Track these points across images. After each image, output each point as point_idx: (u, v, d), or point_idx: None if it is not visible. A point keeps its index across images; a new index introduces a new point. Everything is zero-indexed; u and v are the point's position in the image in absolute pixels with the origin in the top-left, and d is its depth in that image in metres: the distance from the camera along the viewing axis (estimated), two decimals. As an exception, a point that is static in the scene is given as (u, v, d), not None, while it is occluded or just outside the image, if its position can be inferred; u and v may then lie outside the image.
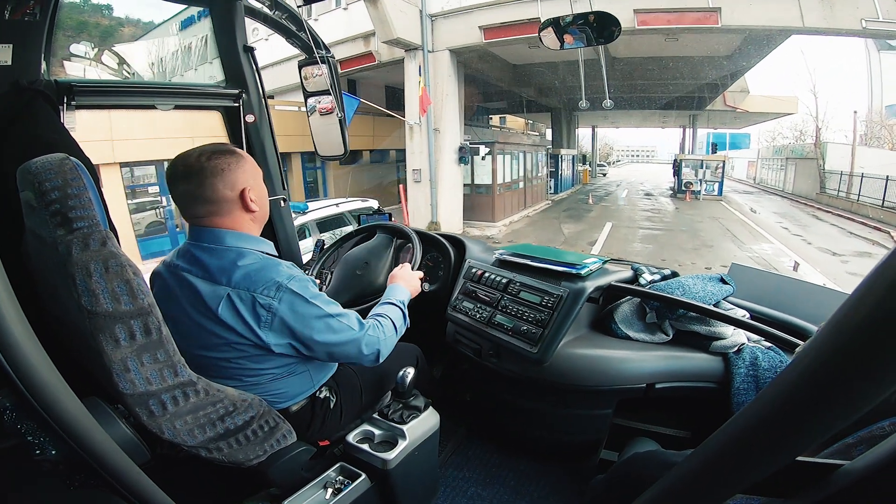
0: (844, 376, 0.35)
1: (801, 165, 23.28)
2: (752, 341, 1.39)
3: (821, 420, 0.38)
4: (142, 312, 0.80)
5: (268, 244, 1.10)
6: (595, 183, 30.20)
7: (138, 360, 0.81)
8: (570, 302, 1.37)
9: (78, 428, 0.67)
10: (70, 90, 1.29)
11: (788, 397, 0.40)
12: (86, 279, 0.75)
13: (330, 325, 1.03)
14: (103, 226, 0.80)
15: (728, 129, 37.82)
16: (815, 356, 0.37)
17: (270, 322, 0.97)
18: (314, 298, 1.01)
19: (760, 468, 0.44)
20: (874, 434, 0.63)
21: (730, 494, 0.53)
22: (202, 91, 1.65)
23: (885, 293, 0.32)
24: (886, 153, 20.10)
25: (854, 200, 16.97)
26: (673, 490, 0.59)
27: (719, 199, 20.14)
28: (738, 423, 0.46)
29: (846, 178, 18.48)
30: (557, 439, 1.61)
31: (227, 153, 1.02)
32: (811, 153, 21.77)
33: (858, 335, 0.34)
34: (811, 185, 21.28)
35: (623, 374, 1.35)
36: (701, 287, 1.39)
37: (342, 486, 1.14)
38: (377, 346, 1.11)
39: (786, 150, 26.39)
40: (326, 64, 1.71)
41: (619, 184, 30.81)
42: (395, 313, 1.23)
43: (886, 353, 0.32)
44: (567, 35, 1.57)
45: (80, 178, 0.80)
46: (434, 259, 1.82)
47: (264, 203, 1.10)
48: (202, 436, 0.93)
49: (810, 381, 0.38)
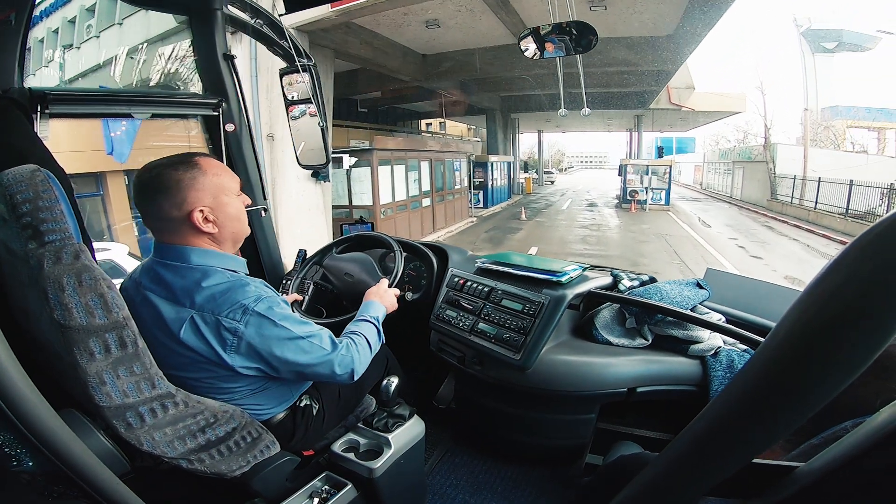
0: (793, 376, 0.38)
1: (749, 169, 21.99)
2: (728, 344, 1.42)
3: (774, 419, 0.40)
4: (116, 326, 0.80)
5: (238, 262, 1.05)
6: (539, 192, 27.91)
7: (114, 373, 0.80)
8: (552, 309, 1.39)
9: (54, 439, 0.66)
10: (44, 98, 1.24)
11: (743, 397, 0.42)
12: (58, 293, 0.74)
13: (300, 346, 0.99)
14: (76, 238, 0.80)
15: (675, 133, 37.61)
16: (767, 357, 0.40)
17: (237, 346, 0.93)
18: (283, 320, 0.97)
19: (719, 468, 0.46)
20: (838, 434, 0.62)
21: (695, 495, 0.54)
22: (180, 100, 1.64)
23: (829, 296, 0.34)
24: (839, 154, 18.84)
25: (811, 209, 15.06)
26: (645, 490, 0.61)
27: (666, 208, 18.18)
28: (699, 425, 0.48)
29: (800, 183, 16.71)
30: (543, 444, 1.62)
31: (182, 166, 0.95)
32: (760, 156, 20.35)
33: (805, 337, 0.36)
34: (761, 190, 19.80)
35: (605, 378, 1.36)
36: (678, 292, 1.42)
37: (328, 495, 1.13)
38: (351, 366, 1.08)
39: (732, 153, 25.06)
40: (308, 72, 1.70)
41: (564, 192, 28.67)
42: (370, 330, 1.21)
43: (833, 352, 0.35)
44: (548, 43, 1.61)
45: (52, 189, 0.79)
46: (417, 269, 1.81)
47: (232, 221, 1.02)
48: (182, 447, 0.92)
49: (762, 382, 0.41)
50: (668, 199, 18.67)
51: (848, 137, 21.51)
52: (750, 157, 21.99)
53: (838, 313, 0.34)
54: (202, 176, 0.96)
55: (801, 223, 14.54)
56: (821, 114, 21.63)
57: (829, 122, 21.32)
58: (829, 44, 22.15)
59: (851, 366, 0.35)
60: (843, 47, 22.45)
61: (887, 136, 21.88)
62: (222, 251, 1.02)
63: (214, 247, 1.00)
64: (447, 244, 1.88)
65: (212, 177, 0.97)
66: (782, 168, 18.70)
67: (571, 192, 29.42)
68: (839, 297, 0.34)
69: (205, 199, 0.96)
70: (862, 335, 0.34)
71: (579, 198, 25.04)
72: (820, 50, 22.22)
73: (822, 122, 21.24)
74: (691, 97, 20.46)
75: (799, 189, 16.73)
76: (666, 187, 18.58)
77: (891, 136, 21.88)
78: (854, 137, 21.80)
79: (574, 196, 25.92)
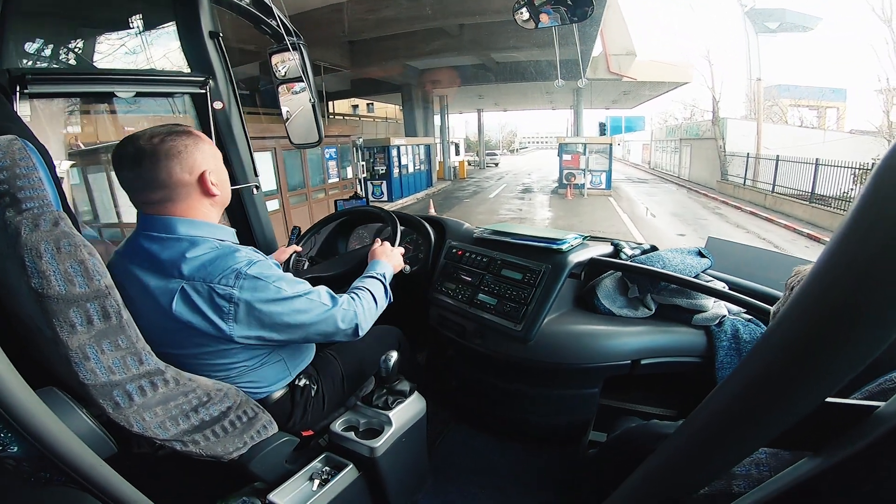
0: (818, 339, 0.35)
1: (697, 147, 19.86)
2: (732, 314, 1.39)
3: (824, 371, 0.37)
4: (98, 295, 0.76)
5: (227, 231, 1.02)
6: (474, 177, 24.77)
7: (98, 346, 0.77)
8: (552, 276, 1.36)
9: (33, 421, 0.64)
10: (22, 79, 1.20)
11: (773, 360, 0.40)
12: (35, 260, 0.71)
13: (299, 305, 0.97)
14: (56, 207, 0.78)
15: (623, 111, 36.33)
16: (790, 322, 0.38)
17: (234, 313, 0.90)
18: (278, 280, 0.94)
19: (787, 410, 0.42)
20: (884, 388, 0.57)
21: (751, 446, 0.51)
22: (165, 78, 1.59)
23: (850, 257, 0.31)
24: (794, 130, 16.92)
25: (767, 192, 12.79)
26: (670, 461, 0.58)
27: (607, 193, 15.63)
28: (729, 388, 0.45)
29: (753, 162, 14.50)
30: (546, 422, 1.58)
31: (183, 134, 0.94)
32: (708, 132, 18.16)
33: (826, 302, 0.34)
34: (711, 170, 17.68)
35: (608, 350, 1.33)
36: (681, 260, 1.40)
37: (329, 476, 1.10)
38: (355, 320, 1.05)
39: (679, 130, 22.95)
40: (297, 50, 1.65)
41: (502, 176, 25.53)
42: (376, 286, 1.17)
43: (854, 321, 0.32)
44: (542, 14, 1.57)
45: (30, 157, 0.77)
46: (414, 241, 1.78)
47: (225, 186, 1.03)
48: (175, 428, 0.88)
49: (788, 346, 0.38)
50: (610, 182, 16.19)
51: (791, 116, 20.97)
52: (698, 133, 19.93)
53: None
54: (202, 143, 0.96)
55: (758, 209, 12.24)
56: (765, 92, 20.43)
57: (774, 100, 20.41)
58: (772, 24, 21.55)
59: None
60: (786, 27, 22.00)
61: (828, 114, 21.76)
62: (212, 220, 0.99)
63: (211, 213, 0.99)
64: (445, 217, 1.85)
65: (208, 143, 0.98)
66: (733, 145, 16.59)
67: (511, 175, 26.37)
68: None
69: (209, 162, 0.97)
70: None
71: (517, 182, 22.24)
72: (763, 30, 21.46)
73: (768, 100, 20.22)
74: (633, 66, 17.96)
75: (752, 168, 14.52)
76: (606, 170, 15.97)
77: (832, 114, 21.82)
78: (802, 115, 21.39)
79: (512, 180, 22.98)
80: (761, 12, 21.41)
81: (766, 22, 21.40)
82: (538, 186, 19.45)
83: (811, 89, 21.89)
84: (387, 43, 13.29)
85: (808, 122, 20.73)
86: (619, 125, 44.55)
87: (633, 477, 0.65)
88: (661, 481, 0.61)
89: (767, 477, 0.55)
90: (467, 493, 1.48)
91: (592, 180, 16.07)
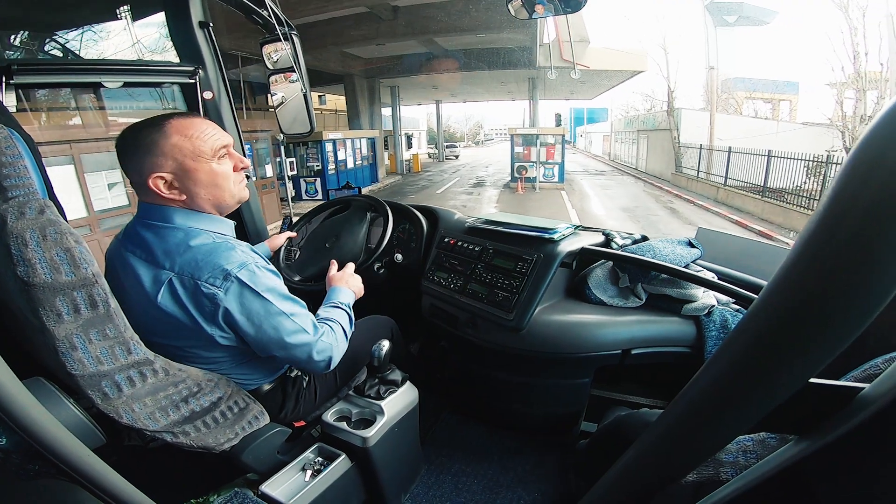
0: (798, 323, 0.36)
1: (653, 138, 19.49)
2: (721, 304, 1.39)
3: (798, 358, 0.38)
4: (85, 283, 0.75)
5: (225, 224, 0.98)
6: (429, 171, 23.79)
7: (85, 336, 0.75)
8: (544, 265, 1.35)
9: (21, 412, 0.61)
10: (8, 69, 1.19)
11: (754, 341, 0.40)
12: (21, 248, 0.70)
13: (281, 323, 0.92)
14: (42, 195, 0.77)
15: (583, 102, 36.14)
16: (769, 305, 0.38)
17: (213, 314, 0.87)
18: (267, 292, 0.90)
19: (771, 392, 0.42)
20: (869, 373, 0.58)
21: (733, 432, 0.51)
22: (154, 68, 1.57)
23: (823, 250, 0.32)
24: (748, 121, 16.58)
25: (720, 185, 12.25)
26: (655, 445, 0.59)
27: (560, 186, 14.83)
28: (712, 370, 0.45)
29: (706, 154, 13.99)
30: (538, 412, 1.59)
31: (148, 129, 0.88)
32: (664, 123, 17.65)
33: (800, 292, 0.35)
34: (666, 161, 17.22)
35: (599, 339, 1.32)
36: (671, 250, 1.39)
37: (322, 467, 1.10)
38: (329, 354, 1.01)
39: (637, 121, 22.57)
40: (289, 41, 1.63)
41: (458, 169, 24.58)
42: (344, 319, 1.13)
43: (828, 311, 0.33)
44: (538, 5, 1.53)
45: (15, 146, 0.75)
46: (406, 231, 1.77)
47: (206, 188, 0.93)
48: (165, 419, 0.87)
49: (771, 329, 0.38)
50: (562, 175, 15.43)
51: (746, 108, 21.11)
52: (654, 124, 19.59)
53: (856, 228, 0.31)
54: (163, 139, 0.88)
55: (711, 204, 11.71)
56: (722, 85, 20.54)
57: (730, 92, 20.40)
58: (730, 17, 21.95)
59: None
60: (743, 21, 22.35)
61: (781, 106, 21.97)
62: (212, 212, 0.96)
63: (204, 206, 0.94)
64: (438, 207, 1.82)
65: (177, 140, 0.88)
66: (687, 136, 16.17)
67: (468, 168, 25.56)
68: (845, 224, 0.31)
69: (164, 164, 0.88)
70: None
71: (471, 175, 21.50)
72: (722, 23, 21.78)
73: (724, 92, 20.22)
74: (587, 53, 17.15)
75: (705, 160, 14.01)
76: (559, 162, 15.16)
77: (784, 107, 22.02)
78: (756, 107, 21.61)
79: (467, 174, 22.15)
80: (721, 5, 21.64)
81: (725, 15, 21.65)
82: (492, 180, 18.67)
83: (766, 82, 22.13)
84: (317, 29, 11.98)
85: (763, 114, 20.79)
86: (581, 116, 44.16)
87: (619, 461, 0.66)
88: (647, 466, 0.61)
89: (755, 464, 0.55)
90: (459, 483, 1.48)
91: (545, 173, 15.27)
